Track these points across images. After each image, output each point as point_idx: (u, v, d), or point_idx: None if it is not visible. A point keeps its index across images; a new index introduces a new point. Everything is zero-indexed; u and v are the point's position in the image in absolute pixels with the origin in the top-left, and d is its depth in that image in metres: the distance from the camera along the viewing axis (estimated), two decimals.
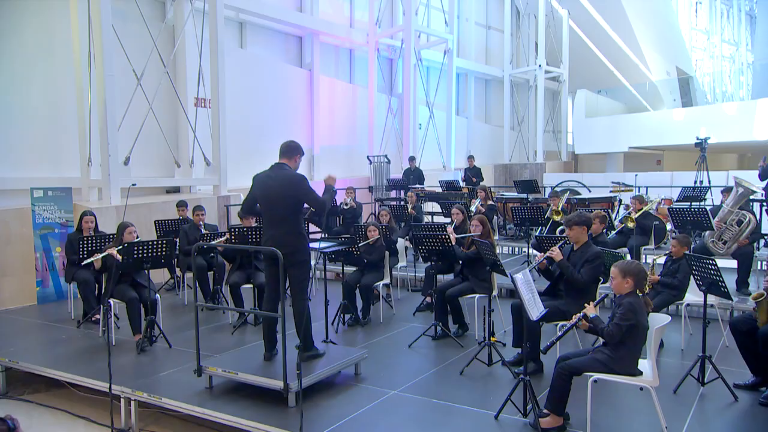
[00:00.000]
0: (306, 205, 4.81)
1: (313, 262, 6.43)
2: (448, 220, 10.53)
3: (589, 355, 3.73)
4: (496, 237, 9.03)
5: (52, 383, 5.56)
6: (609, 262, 5.09)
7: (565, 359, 3.79)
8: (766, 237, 8.12)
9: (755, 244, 7.09)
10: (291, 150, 4.82)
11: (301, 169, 15.43)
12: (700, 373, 4.52)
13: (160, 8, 11.69)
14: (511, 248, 10.85)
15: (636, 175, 10.76)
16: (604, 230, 6.70)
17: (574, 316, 3.75)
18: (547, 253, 4.71)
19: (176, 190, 11.61)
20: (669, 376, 4.57)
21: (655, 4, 21.60)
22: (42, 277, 7.96)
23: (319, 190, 4.89)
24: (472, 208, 9.08)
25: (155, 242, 5.87)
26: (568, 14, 20.55)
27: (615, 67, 21.39)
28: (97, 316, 6.63)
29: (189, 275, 8.26)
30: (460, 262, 6.01)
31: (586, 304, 3.72)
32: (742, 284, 6.65)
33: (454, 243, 5.89)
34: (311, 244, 5.10)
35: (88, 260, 5.98)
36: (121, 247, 5.78)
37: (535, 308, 3.89)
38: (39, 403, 5.27)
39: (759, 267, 7.56)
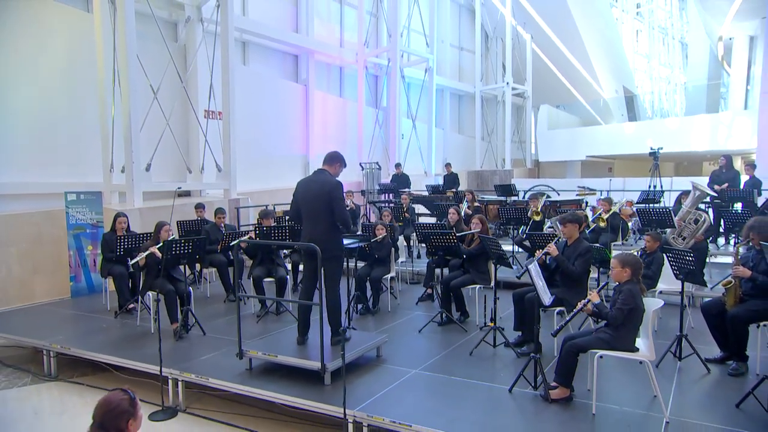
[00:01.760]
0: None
1: None
2: (434, 219, 10.73)
3: (593, 334, 3.90)
4: None
5: (96, 368, 5.53)
6: (596, 257, 5.32)
7: (571, 339, 3.96)
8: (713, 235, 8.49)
9: (708, 240, 7.42)
10: (332, 159, 4.85)
11: (295, 175, 15.53)
12: (677, 349, 4.75)
13: (172, 29, 11.63)
14: None
15: (610, 180, 11.09)
16: (584, 228, 6.93)
17: (579, 303, 3.93)
18: (546, 249, 4.88)
19: (187, 193, 11.54)
20: None
21: (604, 30, 22.18)
22: (75, 272, 7.86)
23: None
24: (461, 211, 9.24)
25: (189, 240, 5.89)
26: (531, 38, 20.95)
27: (572, 85, 21.92)
28: (132, 306, 6.62)
29: (210, 270, 8.26)
30: (463, 256, 6.15)
31: (590, 292, 3.90)
32: (699, 274, 6.95)
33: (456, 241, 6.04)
34: None
35: (135, 260, 5.92)
36: (161, 244, 5.78)
37: (546, 295, 4.07)
38: (89, 385, 5.24)
39: (710, 260, 7.87)
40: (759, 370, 4.47)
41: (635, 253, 4.35)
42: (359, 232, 7.69)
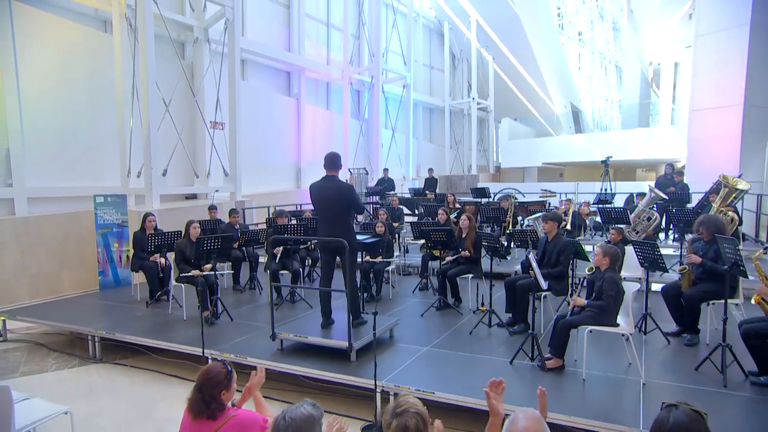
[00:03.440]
0: None
1: None
2: (415, 219, 10.96)
3: (582, 313, 4.20)
4: None
5: (135, 351, 5.55)
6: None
7: (562, 317, 4.24)
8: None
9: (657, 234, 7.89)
10: (335, 163, 4.92)
11: (288, 179, 15.44)
12: (642, 325, 5.11)
13: (180, 48, 11.53)
14: None
15: (577, 184, 11.50)
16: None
17: (571, 308, 4.22)
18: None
19: (194, 196, 11.46)
20: None
21: (554, 54, 22.89)
22: (103, 267, 7.77)
23: (303, 197, 5.05)
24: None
25: (218, 238, 5.95)
26: (493, 59, 21.45)
27: (528, 101, 22.53)
28: (162, 296, 6.62)
29: (223, 264, 8.27)
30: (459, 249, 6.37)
31: (577, 297, 4.20)
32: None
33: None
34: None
35: (188, 274, 5.91)
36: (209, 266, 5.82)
37: (543, 281, 4.34)
38: (133, 366, 5.26)
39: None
40: (709, 340, 4.87)
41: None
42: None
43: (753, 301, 4.11)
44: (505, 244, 8.32)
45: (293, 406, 2.21)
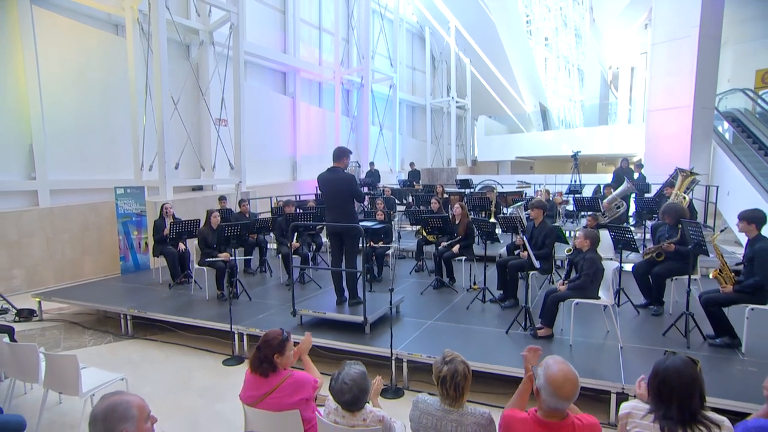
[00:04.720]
0: None
1: None
2: (403, 207, 11.16)
3: (569, 289, 4.48)
4: None
5: (163, 328, 5.64)
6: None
7: (552, 292, 4.52)
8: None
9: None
10: (340, 155, 5.03)
11: (286, 172, 15.46)
12: (616, 298, 5.43)
13: (185, 50, 11.38)
14: None
15: (555, 176, 11.79)
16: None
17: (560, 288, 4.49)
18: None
19: (199, 188, 11.41)
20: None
21: (524, 57, 23.20)
22: (124, 253, 7.77)
23: (299, 189, 5.12)
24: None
25: (238, 225, 6.05)
26: (470, 62, 21.65)
27: (502, 100, 22.84)
28: (183, 279, 6.69)
29: (238, 250, 8.31)
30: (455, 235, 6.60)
31: (560, 287, 4.47)
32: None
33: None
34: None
35: (212, 259, 5.98)
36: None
37: (536, 261, 4.60)
38: (163, 341, 5.35)
39: None
40: (672, 310, 5.24)
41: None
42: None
43: (711, 276, 4.46)
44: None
45: (342, 370, 2.33)
